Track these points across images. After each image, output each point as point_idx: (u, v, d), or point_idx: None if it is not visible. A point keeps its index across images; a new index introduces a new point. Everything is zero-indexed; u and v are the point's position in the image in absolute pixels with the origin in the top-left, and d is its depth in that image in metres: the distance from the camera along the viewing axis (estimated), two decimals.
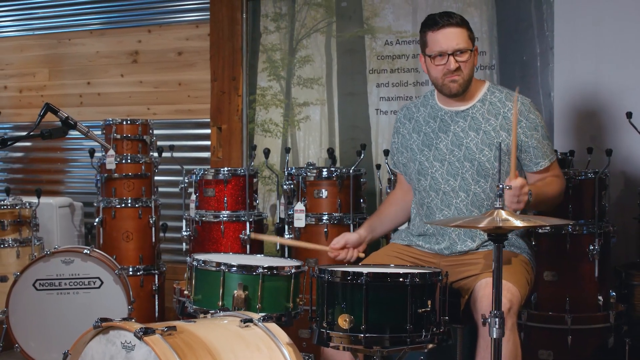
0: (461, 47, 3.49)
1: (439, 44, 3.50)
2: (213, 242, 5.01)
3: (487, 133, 3.54)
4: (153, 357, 2.60)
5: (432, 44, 3.52)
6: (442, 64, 3.51)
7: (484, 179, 3.53)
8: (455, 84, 3.53)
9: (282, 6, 6.00)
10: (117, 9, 6.71)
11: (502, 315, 2.78)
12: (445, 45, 3.49)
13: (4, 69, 7.17)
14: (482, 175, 3.53)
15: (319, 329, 2.97)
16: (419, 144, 3.67)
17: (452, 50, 3.48)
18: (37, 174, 7.07)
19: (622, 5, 5.09)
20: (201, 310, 3.34)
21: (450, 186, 3.58)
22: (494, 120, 3.55)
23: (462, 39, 3.49)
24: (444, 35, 3.49)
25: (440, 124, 3.64)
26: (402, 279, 2.89)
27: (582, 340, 4.24)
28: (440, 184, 3.60)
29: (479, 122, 3.56)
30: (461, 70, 3.51)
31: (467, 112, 3.60)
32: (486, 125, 3.55)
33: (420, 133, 3.68)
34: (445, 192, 3.59)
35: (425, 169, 3.63)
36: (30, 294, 4.84)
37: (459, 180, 3.56)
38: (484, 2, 5.42)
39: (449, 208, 3.58)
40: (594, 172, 4.37)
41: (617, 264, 4.72)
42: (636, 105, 4.88)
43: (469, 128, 3.57)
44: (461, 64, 3.50)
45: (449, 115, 3.63)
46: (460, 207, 3.56)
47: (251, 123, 6.10)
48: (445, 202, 3.59)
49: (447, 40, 3.49)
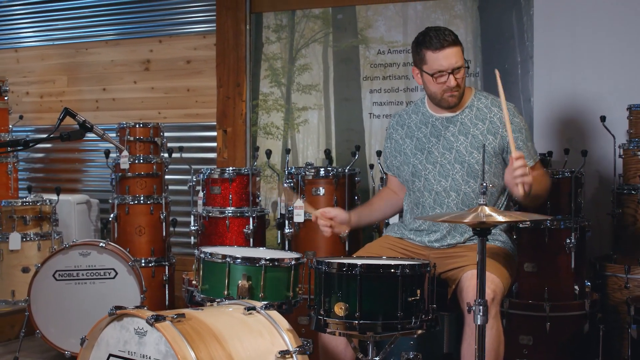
0: (459, 65, 3.49)
1: (439, 63, 3.49)
2: (219, 236, 5.01)
3: (476, 137, 3.54)
4: (164, 342, 2.59)
5: (432, 62, 3.50)
6: (443, 82, 3.51)
7: (473, 180, 3.53)
8: (454, 98, 3.55)
9: (283, 18, 5.99)
10: (130, 21, 6.70)
11: (485, 303, 2.79)
12: (446, 65, 3.49)
13: (26, 77, 7.16)
14: (471, 176, 3.53)
15: (317, 316, 2.97)
16: (412, 148, 3.67)
17: (451, 69, 3.49)
18: (56, 173, 7.06)
19: (597, 18, 5.09)
20: (208, 298, 3.34)
21: (442, 186, 3.58)
22: (481, 124, 3.55)
23: (459, 57, 3.50)
24: (445, 56, 3.48)
25: (431, 129, 3.64)
26: (393, 270, 2.88)
27: (560, 327, 4.24)
28: (433, 184, 3.59)
29: (468, 127, 3.56)
30: (459, 86, 3.52)
31: (457, 117, 3.60)
32: (474, 129, 3.55)
33: (413, 138, 3.68)
34: (437, 192, 3.59)
35: (419, 171, 3.63)
36: (50, 284, 4.83)
37: (450, 181, 3.56)
38: (469, 14, 5.42)
39: (441, 207, 3.58)
40: (570, 171, 4.37)
41: (592, 256, 4.73)
42: (609, 110, 4.89)
43: (459, 132, 3.57)
44: (459, 80, 3.51)
45: (440, 121, 3.63)
46: (452, 206, 3.57)
47: (254, 126, 6.09)
48: (437, 202, 3.59)
49: (447, 60, 3.48)
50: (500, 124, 3.56)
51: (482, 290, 2.80)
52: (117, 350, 2.74)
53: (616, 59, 5.04)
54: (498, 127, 3.56)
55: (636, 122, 4.64)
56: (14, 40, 7.27)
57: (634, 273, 4.49)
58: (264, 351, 2.77)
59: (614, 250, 4.79)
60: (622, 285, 4.50)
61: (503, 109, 3.23)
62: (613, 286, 4.57)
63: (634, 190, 4.58)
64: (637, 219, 4.57)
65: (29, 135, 7.04)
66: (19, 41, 7.25)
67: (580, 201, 4.41)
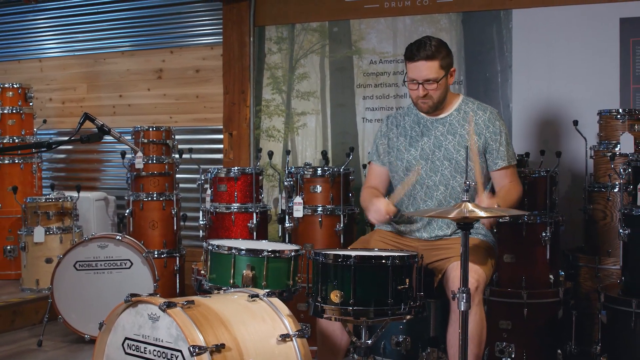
0: (429, 78, 3.48)
1: (411, 73, 3.52)
2: (225, 229, 5.00)
3: (462, 136, 3.54)
4: (175, 326, 2.59)
5: (408, 71, 3.55)
6: (414, 89, 3.52)
7: (460, 175, 3.53)
8: (425, 105, 3.56)
9: (283, 31, 5.98)
10: (144, 34, 6.69)
11: (468, 291, 2.79)
12: (415, 76, 3.50)
13: (49, 84, 7.15)
14: (458, 171, 3.53)
15: (314, 303, 2.97)
16: (405, 145, 3.66)
17: (422, 80, 3.49)
18: (77, 172, 7.04)
19: (570, 32, 5.09)
20: (215, 287, 3.33)
21: (432, 181, 3.58)
22: (468, 126, 3.55)
23: (431, 71, 3.48)
24: (416, 67, 3.49)
25: (423, 129, 3.64)
26: (384, 261, 2.88)
27: (536, 312, 4.24)
28: (424, 179, 3.59)
29: (455, 128, 3.57)
30: (430, 96, 3.51)
31: (446, 119, 3.61)
32: (461, 130, 3.55)
33: (407, 136, 3.68)
34: (428, 186, 3.59)
35: (412, 166, 3.62)
36: (72, 273, 4.83)
37: (439, 176, 3.56)
38: (454, 27, 5.41)
39: (431, 199, 3.59)
40: (545, 170, 4.36)
41: (566, 248, 4.72)
42: (581, 115, 4.89)
43: (447, 132, 3.57)
44: (429, 91, 3.50)
45: (431, 122, 3.63)
46: (440, 199, 3.57)
47: (257, 129, 6.08)
48: (428, 194, 3.59)
49: (418, 72, 3.49)
50: (485, 126, 3.56)
51: (466, 279, 2.81)
52: (132, 334, 2.74)
53: (587, 68, 5.04)
54: (482, 128, 3.56)
55: (605, 126, 4.64)
56: (38, 51, 7.26)
57: (603, 263, 4.49)
58: (267, 335, 2.76)
59: (585, 242, 4.79)
60: (593, 275, 4.50)
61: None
62: (585, 275, 4.56)
63: (604, 188, 4.58)
64: (606, 215, 4.57)
65: (52, 137, 7.03)
66: (42, 52, 7.24)
67: (554, 198, 4.40)
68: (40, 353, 4.72)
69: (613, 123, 4.60)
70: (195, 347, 2.51)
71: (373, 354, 4.33)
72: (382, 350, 4.44)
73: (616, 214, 4.49)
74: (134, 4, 6.71)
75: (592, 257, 4.55)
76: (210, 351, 2.54)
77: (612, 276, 4.43)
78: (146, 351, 2.69)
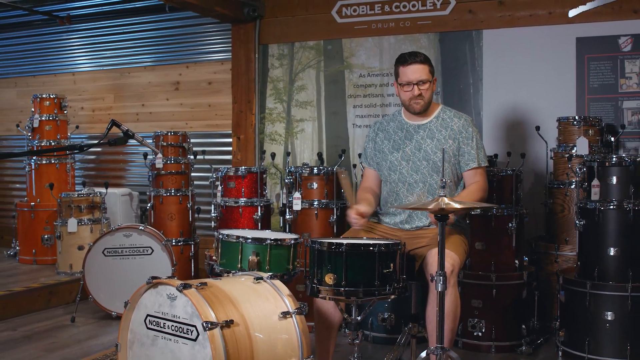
0: (423, 79, 3.49)
1: (407, 76, 3.50)
2: (234, 221, 4.99)
3: (439, 140, 3.53)
4: (190, 305, 2.58)
5: (402, 75, 3.52)
6: (409, 90, 3.51)
7: (436, 174, 3.52)
8: (418, 105, 3.54)
9: (284, 49, 5.98)
10: (164, 51, 6.68)
11: (445, 274, 2.79)
12: (411, 77, 3.49)
13: (81, 95, 7.13)
14: (435, 170, 3.52)
15: (311, 285, 2.96)
16: (389, 148, 3.65)
17: (416, 81, 3.48)
18: (105, 171, 7.03)
19: (532, 50, 5.10)
20: (225, 270, 3.31)
21: (413, 179, 3.57)
22: (444, 131, 3.55)
23: (424, 73, 3.49)
24: (411, 70, 3.49)
25: (405, 133, 3.63)
26: (372, 248, 2.87)
27: (503, 293, 4.24)
28: (406, 177, 3.58)
29: (434, 132, 3.56)
30: (422, 96, 3.51)
31: (426, 125, 3.60)
32: (439, 135, 3.55)
33: (391, 140, 3.67)
34: (409, 183, 3.58)
35: (395, 166, 3.61)
36: (100, 259, 4.82)
37: (419, 174, 3.55)
38: (432, 45, 5.41)
39: (412, 195, 3.58)
40: (512, 169, 4.36)
41: (529, 236, 4.73)
42: (543, 121, 4.90)
43: (427, 136, 3.56)
44: (422, 91, 3.50)
45: (413, 127, 3.62)
46: (420, 195, 3.56)
47: (261, 134, 6.07)
48: (409, 191, 3.58)
49: (413, 74, 3.49)
50: (459, 131, 3.55)
51: (442, 264, 2.81)
52: (153, 312, 2.73)
53: (548, 81, 5.05)
54: (457, 133, 3.55)
55: (564, 131, 4.64)
56: (71, 66, 7.24)
57: (562, 250, 4.49)
58: (270, 312, 2.76)
59: (546, 232, 4.80)
60: (553, 260, 4.51)
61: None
62: (545, 260, 4.57)
63: (562, 185, 4.59)
64: (564, 208, 4.58)
65: (83, 141, 7.02)
66: (75, 67, 7.22)
67: (519, 193, 4.40)
68: (73, 328, 4.72)
69: (570, 128, 4.60)
70: (208, 323, 2.51)
71: (362, 328, 4.33)
72: (370, 326, 4.44)
73: (573, 207, 4.49)
74: (155, 25, 6.70)
75: (552, 244, 4.55)
76: (221, 326, 2.53)
77: (570, 261, 4.43)
78: (165, 326, 2.68)
